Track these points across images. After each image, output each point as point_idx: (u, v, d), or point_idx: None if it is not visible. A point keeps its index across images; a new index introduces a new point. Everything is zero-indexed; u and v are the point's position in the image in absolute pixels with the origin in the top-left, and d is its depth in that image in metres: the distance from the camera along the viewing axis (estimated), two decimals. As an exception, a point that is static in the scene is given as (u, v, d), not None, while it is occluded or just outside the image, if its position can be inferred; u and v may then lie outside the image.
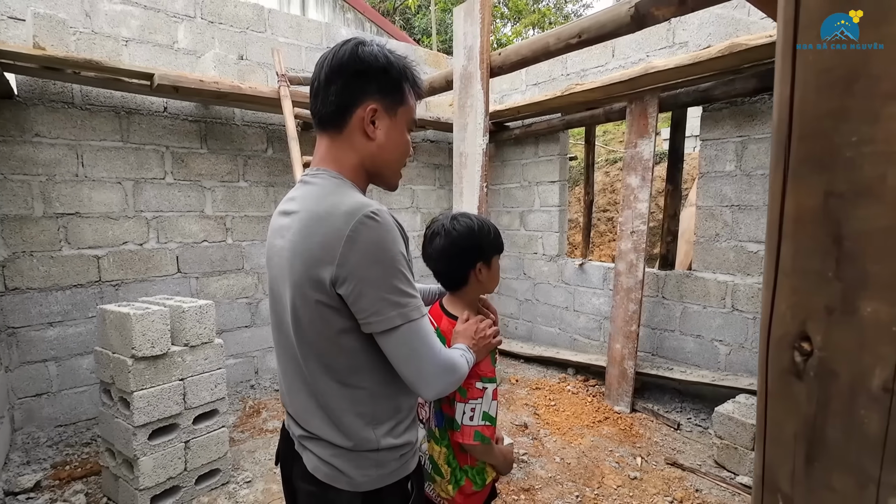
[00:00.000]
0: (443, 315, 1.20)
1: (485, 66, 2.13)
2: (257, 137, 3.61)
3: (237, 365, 3.61)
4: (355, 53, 0.84)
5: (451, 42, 13.75)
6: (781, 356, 0.46)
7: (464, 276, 1.16)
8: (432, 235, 1.16)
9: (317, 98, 0.87)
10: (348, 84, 0.84)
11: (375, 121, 0.86)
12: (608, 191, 5.81)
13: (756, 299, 2.92)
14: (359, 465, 0.86)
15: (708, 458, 2.59)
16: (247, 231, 3.61)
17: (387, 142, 0.89)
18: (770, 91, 2.73)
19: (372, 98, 0.85)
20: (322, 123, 0.89)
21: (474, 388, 1.05)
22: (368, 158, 0.89)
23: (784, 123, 0.44)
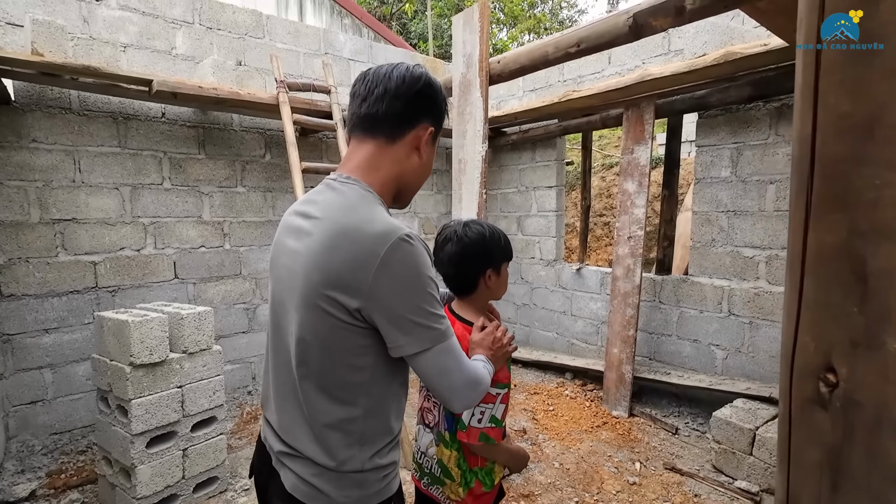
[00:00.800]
0: (455, 320, 1.21)
1: (484, 74, 2.14)
2: (255, 143, 3.61)
3: (234, 371, 3.59)
4: (428, 79, 0.88)
5: (447, 47, 13.78)
6: (805, 385, 0.47)
7: (474, 282, 1.19)
8: (444, 241, 1.19)
9: (371, 102, 0.86)
10: (417, 102, 0.87)
11: (428, 143, 0.91)
12: (604, 195, 5.85)
13: (752, 304, 2.94)
14: (341, 485, 0.83)
15: (706, 463, 2.60)
16: (244, 236, 3.60)
17: (426, 164, 0.93)
18: (764, 98, 2.77)
19: (430, 122, 0.90)
20: (372, 127, 0.87)
21: (488, 394, 1.06)
22: (409, 173, 0.91)
23: (805, 161, 0.45)
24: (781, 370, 0.49)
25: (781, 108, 2.77)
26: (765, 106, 2.83)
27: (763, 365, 2.91)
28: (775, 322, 2.85)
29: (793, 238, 0.47)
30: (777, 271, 2.84)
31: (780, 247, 2.82)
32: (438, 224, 4.85)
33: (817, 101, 0.44)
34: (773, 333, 2.86)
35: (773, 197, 2.83)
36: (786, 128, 2.76)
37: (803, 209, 0.45)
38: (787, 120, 2.75)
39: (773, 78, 2.57)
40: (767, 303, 2.88)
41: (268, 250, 3.70)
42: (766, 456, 2.34)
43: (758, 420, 2.47)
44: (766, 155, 2.85)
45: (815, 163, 0.44)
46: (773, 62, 2.43)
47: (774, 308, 2.85)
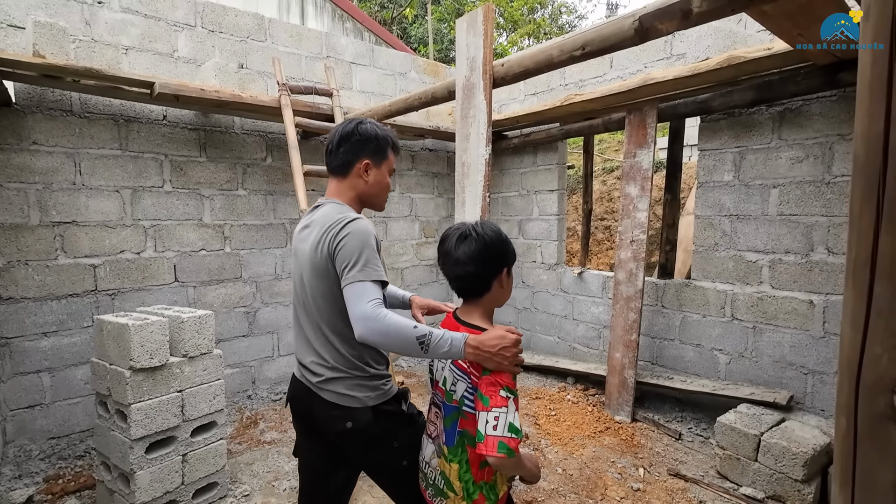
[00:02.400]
0: (460, 326, 1.18)
1: (488, 78, 2.14)
2: (256, 146, 3.60)
3: (234, 375, 3.57)
4: (356, 129, 1.35)
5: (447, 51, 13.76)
6: (876, 400, 0.44)
7: (488, 283, 1.16)
8: (461, 238, 1.15)
9: (330, 155, 1.37)
10: (352, 148, 1.34)
11: (368, 170, 1.36)
12: (605, 199, 5.85)
13: (755, 308, 2.93)
14: (363, 389, 1.30)
15: (710, 469, 2.58)
16: (245, 240, 3.59)
17: (374, 183, 1.38)
18: (767, 102, 2.76)
19: (364, 158, 1.35)
20: (333, 172, 1.39)
21: (498, 396, 1.03)
22: (363, 193, 1.39)
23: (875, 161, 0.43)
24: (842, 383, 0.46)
25: (784, 113, 2.77)
26: (767, 110, 2.83)
27: (766, 370, 2.90)
28: (778, 327, 2.84)
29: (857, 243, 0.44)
30: (780, 276, 2.83)
31: (783, 251, 2.81)
32: (439, 227, 4.84)
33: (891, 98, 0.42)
34: (776, 338, 2.85)
35: (777, 201, 2.83)
36: (789, 132, 2.76)
37: (873, 212, 0.43)
38: (790, 124, 2.75)
39: (776, 82, 2.57)
40: (771, 307, 2.87)
41: (269, 253, 3.70)
42: (771, 462, 2.32)
43: (762, 426, 2.45)
44: (769, 159, 2.84)
45: (888, 163, 0.42)
46: (777, 66, 2.43)
47: (777, 313, 2.84)
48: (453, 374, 1.16)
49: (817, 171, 2.67)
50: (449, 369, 1.18)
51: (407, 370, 4.33)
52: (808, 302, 2.72)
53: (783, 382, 2.83)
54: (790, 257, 2.79)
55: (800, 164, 2.73)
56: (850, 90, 2.51)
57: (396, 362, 4.47)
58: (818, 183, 2.67)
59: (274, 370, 3.79)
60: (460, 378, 1.13)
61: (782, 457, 2.28)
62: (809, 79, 2.43)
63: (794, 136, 2.75)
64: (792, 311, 2.79)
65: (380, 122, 3.40)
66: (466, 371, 1.12)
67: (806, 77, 2.44)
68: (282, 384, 3.79)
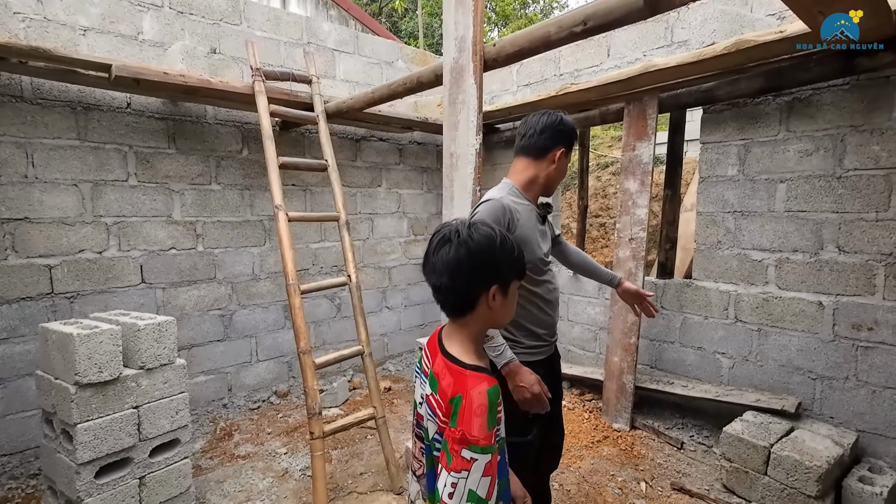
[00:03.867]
0: (438, 351, 0.98)
1: (478, 59, 1.94)
2: (231, 137, 3.37)
3: (208, 382, 3.34)
4: (561, 120, 1.58)
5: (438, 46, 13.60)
6: None
7: (472, 300, 0.93)
8: (441, 242, 0.93)
9: (529, 138, 1.59)
10: (554, 135, 1.56)
11: (562, 157, 1.59)
12: (600, 196, 5.69)
13: (761, 310, 2.77)
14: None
15: (716, 482, 2.42)
16: (220, 238, 3.35)
17: (561, 170, 1.62)
18: (775, 91, 2.60)
19: (562, 146, 1.58)
20: (526, 153, 1.61)
21: (460, 458, 0.82)
22: (548, 177, 1.61)
23: None
24: None
25: (793, 103, 2.61)
26: (775, 100, 2.67)
27: (772, 375, 2.75)
28: (785, 329, 2.69)
29: None
30: (787, 276, 2.67)
31: (790, 249, 2.65)
32: (428, 224, 4.63)
33: None
34: (782, 341, 2.70)
35: (784, 196, 2.67)
36: (797, 123, 2.60)
37: None
38: (799, 115, 2.59)
39: (786, 69, 2.40)
40: (777, 309, 2.71)
41: (245, 252, 3.46)
42: (782, 476, 2.16)
43: (771, 436, 2.30)
44: (776, 152, 2.68)
45: None
46: (789, 51, 2.26)
47: (784, 314, 2.69)
48: (427, 411, 0.96)
49: (828, 165, 2.51)
50: (424, 403, 0.98)
51: (395, 374, 4.14)
52: (818, 303, 2.57)
53: (790, 388, 2.68)
54: (798, 256, 2.63)
55: (809, 158, 2.57)
56: (865, 78, 2.35)
57: (383, 366, 4.27)
58: (829, 177, 2.51)
59: (252, 376, 3.56)
60: (430, 418, 0.94)
61: (794, 471, 2.12)
62: (823, 65, 2.26)
63: (803, 127, 2.59)
64: (799, 312, 2.64)
65: (362, 111, 3.20)
66: (434, 412, 0.92)
67: (819, 63, 2.28)
68: (260, 391, 3.57)
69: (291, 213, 2.53)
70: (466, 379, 0.89)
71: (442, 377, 0.93)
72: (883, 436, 2.39)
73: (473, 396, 0.85)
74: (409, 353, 4.50)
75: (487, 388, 0.87)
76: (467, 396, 0.85)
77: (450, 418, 0.87)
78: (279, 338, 3.68)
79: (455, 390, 0.88)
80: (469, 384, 0.87)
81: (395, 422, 3.15)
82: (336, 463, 2.69)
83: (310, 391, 2.23)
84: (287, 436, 2.99)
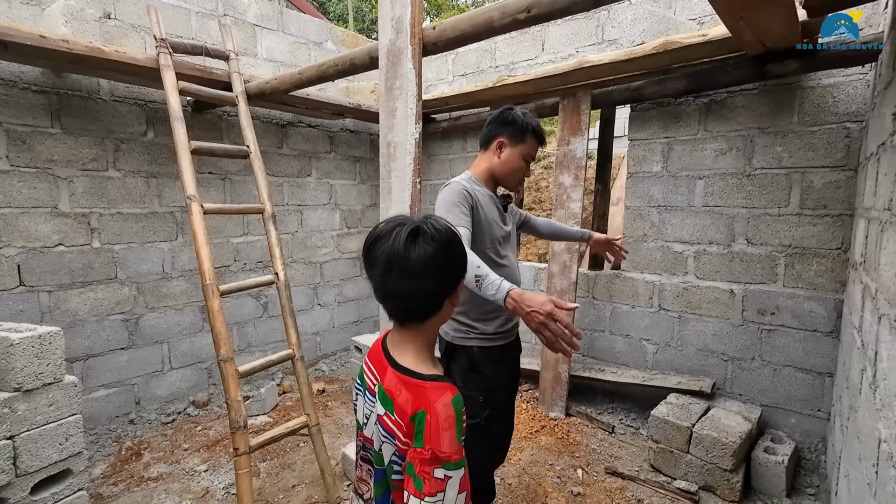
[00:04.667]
0: (387, 365, 0.87)
1: (416, 42, 1.82)
2: (133, 117, 2.95)
3: (110, 397, 2.94)
4: (504, 111, 1.62)
5: (369, 32, 13.15)
6: None
7: (440, 299, 0.84)
8: (412, 236, 0.79)
9: (482, 129, 1.67)
10: (495, 126, 1.63)
11: (502, 148, 1.62)
12: (533, 189, 5.82)
13: (681, 298, 2.96)
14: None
15: (644, 462, 2.56)
16: (121, 232, 2.94)
17: (504, 161, 1.63)
18: (697, 92, 2.76)
19: (502, 136, 1.61)
20: (480, 144, 1.69)
21: (433, 480, 0.74)
22: (495, 168, 1.64)
23: None
24: None
25: (710, 104, 2.78)
26: (695, 101, 2.84)
27: (691, 358, 2.96)
28: (702, 316, 2.90)
29: None
30: (704, 266, 2.87)
31: (707, 242, 2.85)
32: (363, 217, 4.44)
33: None
34: (700, 327, 2.91)
35: (702, 192, 2.86)
36: (714, 123, 2.78)
37: None
38: (716, 116, 2.77)
39: (707, 71, 2.55)
40: (695, 297, 2.92)
41: (153, 248, 3.07)
42: (702, 453, 2.32)
43: (692, 416, 2.46)
44: (696, 150, 2.86)
45: None
46: (710, 54, 2.39)
47: (701, 302, 2.89)
48: (380, 434, 0.85)
49: (739, 164, 2.72)
50: (375, 425, 0.87)
51: (329, 375, 3.93)
52: (730, 291, 2.79)
53: (706, 370, 2.90)
54: (713, 248, 2.84)
55: (724, 157, 2.77)
56: (772, 84, 2.56)
57: (316, 366, 4.04)
58: (740, 175, 2.72)
59: (165, 386, 3.20)
60: (386, 440, 0.83)
61: (713, 448, 2.28)
62: (739, 69, 2.43)
63: (718, 127, 2.77)
64: (714, 300, 2.85)
65: (288, 93, 2.95)
66: (392, 433, 0.82)
67: (736, 67, 2.44)
68: (175, 402, 3.22)
69: (208, 205, 2.26)
70: (427, 392, 0.80)
71: (397, 394, 0.82)
72: (783, 409, 2.66)
73: (439, 410, 0.77)
74: (343, 351, 4.30)
75: (451, 399, 0.79)
76: (432, 411, 0.77)
77: (413, 438, 0.78)
78: (196, 342, 3.33)
79: (416, 406, 0.79)
80: (431, 397, 0.79)
81: (331, 426, 2.99)
82: (265, 476, 2.48)
83: (233, 403, 2.01)
84: (208, 450, 2.71)
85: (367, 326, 4.55)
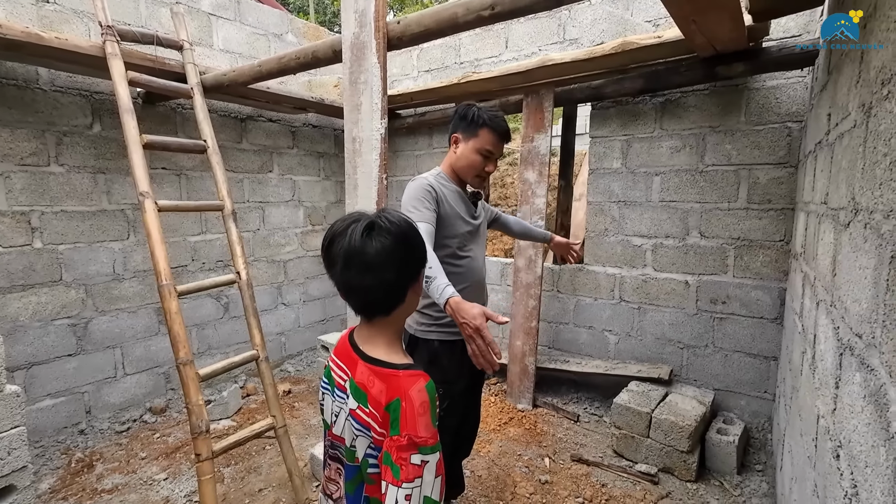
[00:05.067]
0: (357, 359, 0.87)
1: (381, 36, 1.80)
2: (77, 108, 2.77)
3: (57, 406, 2.76)
4: (459, 107, 1.65)
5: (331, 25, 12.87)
6: None
7: (402, 291, 0.86)
8: (368, 230, 0.80)
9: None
10: (453, 123, 1.67)
11: (457, 143, 1.66)
12: (498, 185, 5.88)
13: (640, 290, 3.09)
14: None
15: (608, 449, 2.66)
16: (66, 231, 2.76)
17: (460, 156, 1.65)
18: (653, 92, 2.87)
19: (457, 132, 1.65)
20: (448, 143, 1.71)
21: (410, 466, 0.75)
22: (453, 163, 1.68)
23: None
24: None
25: (665, 104, 2.90)
26: (651, 100, 2.95)
27: (650, 347, 3.09)
28: (660, 306, 3.03)
29: None
30: (661, 259, 3.00)
31: (664, 235, 2.98)
32: (328, 214, 4.37)
33: None
34: (658, 317, 3.04)
35: (658, 188, 2.98)
36: (669, 122, 2.91)
37: None
38: (671, 115, 2.90)
39: (662, 72, 2.66)
40: (653, 289, 3.04)
41: (103, 248, 2.91)
42: (661, 437, 2.43)
43: (651, 402, 2.58)
44: (653, 148, 2.98)
45: None
46: (665, 56, 2.49)
47: (659, 293, 3.02)
48: (352, 428, 0.85)
49: (692, 161, 2.86)
50: (347, 421, 0.87)
51: (294, 375, 3.85)
52: (685, 282, 2.93)
53: (664, 358, 3.04)
54: (670, 241, 2.97)
55: (678, 154, 2.90)
56: (721, 85, 2.70)
57: (281, 367, 3.95)
58: (693, 171, 2.86)
59: (118, 393, 3.04)
60: (360, 434, 0.84)
61: (671, 431, 2.40)
62: (692, 70, 2.54)
63: (673, 126, 2.90)
64: (671, 291, 2.99)
65: (247, 85, 2.85)
66: (367, 425, 0.82)
67: (689, 69, 2.55)
68: (131, 409, 3.06)
69: (162, 202, 2.16)
70: (401, 380, 0.82)
71: (370, 386, 0.83)
72: (733, 392, 2.83)
73: (413, 396, 0.79)
74: (309, 351, 4.22)
75: (425, 385, 0.82)
76: (406, 398, 0.79)
77: (389, 427, 0.79)
78: (153, 346, 3.18)
79: (390, 395, 0.81)
80: (405, 385, 0.81)
81: (298, 427, 2.93)
82: (230, 481, 2.40)
83: (193, 407, 1.94)
84: (167, 458, 2.60)
85: (333, 325, 4.48)
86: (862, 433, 0.80)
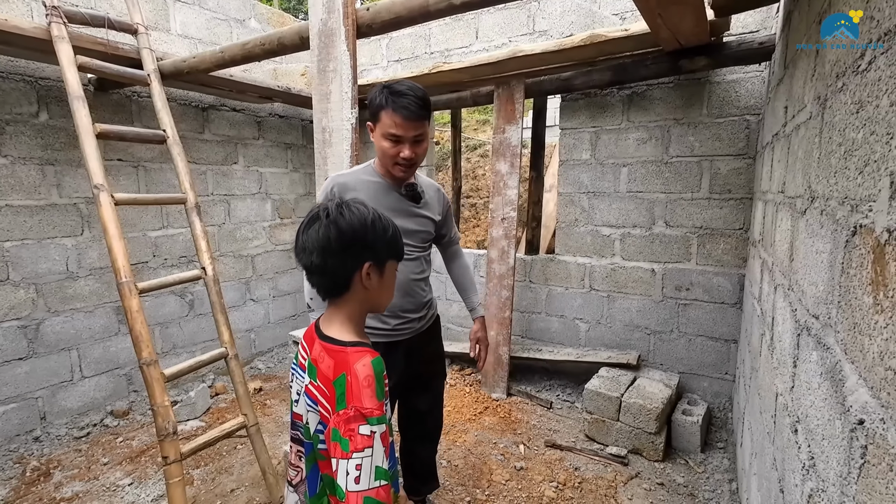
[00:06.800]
0: (316, 338, 0.91)
1: (350, 22, 1.76)
2: (20, 95, 2.59)
3: (8, 413, 2.61)
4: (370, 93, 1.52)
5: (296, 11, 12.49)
6: None
7: (346, 280, 0.90)
8: (311, 221, 0.90)
9: None
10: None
11: (372, 132, 1.51)
12: (470, 177, 5.89)
13: (609, 279, 3.17)
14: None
15: (580, 433, 2.73)
16: (12, 227, 2.59)
17: (376, 143, 1.50)
18: (620, 84, 2.92)
19: (370, 119, 1.51)
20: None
21: (358, 436, 0.77)
22: (377, 150, 1.53)
23: None
24: None
25: (632, 96, 2.97)
26: (618, 93, 3.01)
27: (619, 334, 3.18)
28: (628, 294, 3.12)
29: None
30: (629, 248, 3.09)
31: (631, 225, 3.06)
32: (297, 207, 4.26)
33: None
34: (626, 305, 3.13)
35: (626, 179, 3.05)
36: (636, 114, 2.97)
37: None
38: (637, 107, 2.96)
39: (629, 65, 2.71)
40: (622, 277, 3.13)
41: (54, 245, 2.74)
42: (630, 420, 2.52)
43: (621, 387, 2.66)
44: (620, 139, 3.04)
45: None
46: (632, 49, 2.54)
47: (627, 281, 3.11)
48: (306, 404, 0.90)
49: (658, 152, 2.94)
50: (303, 396, 0.91)
51: (265, 373, 3.76)
52: (651, 270, 3.03)
53: (632, 344, 3.14)
54: (637, 231, 3.05)
55: (644, 145, 2.97)
56: (685, 78, 2.78)
57: (252, 364, 3.85)
58: (658, 163, 2.94)
59: (76, 397, 2.89)
60: (311, 409, 0.88)
61: (639, 414, 2.49)
62: (657, 64, 2.60)
63: (639, 118, 2.97)
64: (638, 279, 3.08)
65: (209, 73, 2.73)
66: (316, 399, 0.86)
67: (654, 62, 2.61)
68: (90, 414, 2.92)
69: (119, 195, 2.05)
70: (347, 356, 0.85)
71: (321, 361, 0.87)
72: (696, 374, 2.95)
73: (358, 370, 0.82)
74: (280, 347, 4.14)
75: (371, 360, 0.84)
76: (351, 372, 0.82)
77: (336, 402, 0.82)
78: (112, 346, 3.04)
79: (337, 370, 0.84)
80: (351, 360, 0.84)
81: (270, 425, 2.87)
82: (200, 483, 2.33)
83: (159, 409, 1.86)
84: (132, 462, 2.50)
85: (304, 320, 4.39)
86: (819, 408, 0.85)
